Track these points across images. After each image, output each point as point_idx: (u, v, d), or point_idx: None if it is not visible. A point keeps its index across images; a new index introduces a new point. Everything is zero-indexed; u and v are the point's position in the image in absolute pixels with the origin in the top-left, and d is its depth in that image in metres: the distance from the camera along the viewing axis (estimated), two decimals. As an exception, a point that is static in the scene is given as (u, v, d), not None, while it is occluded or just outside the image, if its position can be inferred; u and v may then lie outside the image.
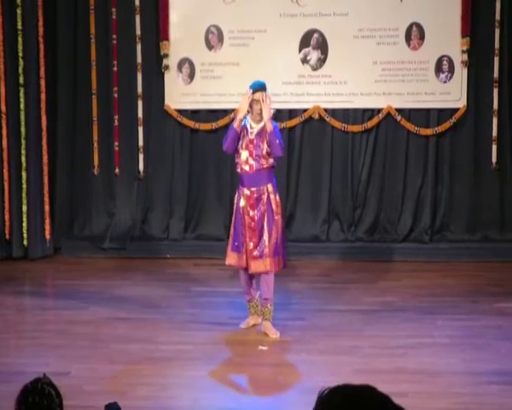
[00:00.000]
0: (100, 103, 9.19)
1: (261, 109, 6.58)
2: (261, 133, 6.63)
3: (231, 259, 6.75)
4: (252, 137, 6.64)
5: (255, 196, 6.62)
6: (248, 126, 6.67)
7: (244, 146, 6.64)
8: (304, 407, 4.92)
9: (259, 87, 6.66)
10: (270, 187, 6.64)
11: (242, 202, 6.65)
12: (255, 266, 6.62)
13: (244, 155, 6.63)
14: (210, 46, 9.11)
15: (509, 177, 9.11)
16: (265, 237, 6.61)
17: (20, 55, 8.73)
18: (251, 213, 6.62)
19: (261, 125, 6.63)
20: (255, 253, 6.60)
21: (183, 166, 9.28)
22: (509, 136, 9.04)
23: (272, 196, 6.64)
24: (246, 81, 8.68)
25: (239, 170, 6.70)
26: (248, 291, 6.84)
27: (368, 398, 1.80)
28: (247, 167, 6.62)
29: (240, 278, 6.87)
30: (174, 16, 9.05)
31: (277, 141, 6.57)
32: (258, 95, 6.60)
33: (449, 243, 9.12)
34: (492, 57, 8.90)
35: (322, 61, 9.04)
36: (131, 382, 5.66)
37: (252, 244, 6.60)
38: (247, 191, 6.63)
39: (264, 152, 6.61)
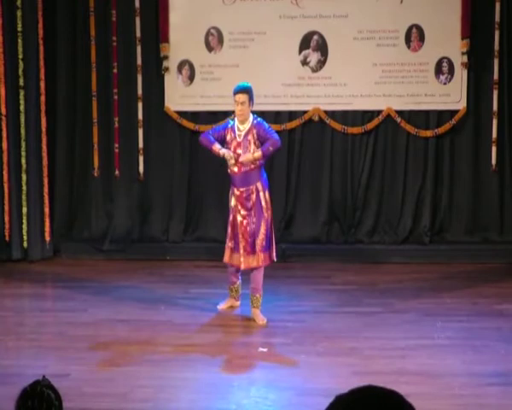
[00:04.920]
0: (100, 105, 9.19)
1: (241, 117, 6.81)
2: (248, 135, 6.81)
3: (228, 257, 7.05)
4: (240, 139, 6.89)
5: (244, 195, 6.87)
6: (236, 129, 6.85)
7: (232, 149, 6.85)
8: (303, 408, 4.93)
9: (239, 89, 6.86)
10: (259, 185, 6.90)
11: (233, 202, 6.96)
12: (248, 262, 6.90)
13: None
14: (210, 48, 9.11)
15: (509, 179, 9.10)
16: (256, 233, 6.85)
17: (20, 57, 8.73)
18: (242, 211, 6.89)
19: (248, 126, 6.85)
20: (248, 249, 6.88)
21: (183, 167, 9.28)
22: (508, 138, 9.04)
23: (262, 194, 6.89)
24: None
25: (228, 170, 6.96)
26: (233, 280, 7.22)
27: (398, 403, 1.72)
28: (235, 169, 6.89)
29: (228, 271, 7.22)
30: (174, 18, 9.05)
31: (273, 146, 6.79)
32: (238, 96, 6.82)
33: (448, 244, 9.12)
34: (492, 59, 8.90)
35: (322, 63, 9.04)
36: (130, 384, 5.66)
37: (244, 241, 6.86)
38: (236, 191, 6.92)
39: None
